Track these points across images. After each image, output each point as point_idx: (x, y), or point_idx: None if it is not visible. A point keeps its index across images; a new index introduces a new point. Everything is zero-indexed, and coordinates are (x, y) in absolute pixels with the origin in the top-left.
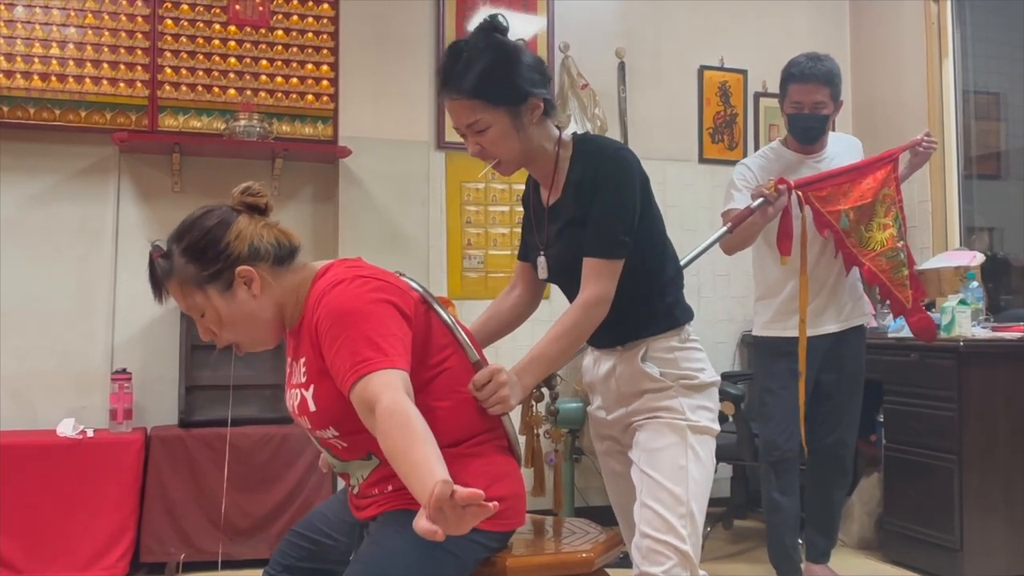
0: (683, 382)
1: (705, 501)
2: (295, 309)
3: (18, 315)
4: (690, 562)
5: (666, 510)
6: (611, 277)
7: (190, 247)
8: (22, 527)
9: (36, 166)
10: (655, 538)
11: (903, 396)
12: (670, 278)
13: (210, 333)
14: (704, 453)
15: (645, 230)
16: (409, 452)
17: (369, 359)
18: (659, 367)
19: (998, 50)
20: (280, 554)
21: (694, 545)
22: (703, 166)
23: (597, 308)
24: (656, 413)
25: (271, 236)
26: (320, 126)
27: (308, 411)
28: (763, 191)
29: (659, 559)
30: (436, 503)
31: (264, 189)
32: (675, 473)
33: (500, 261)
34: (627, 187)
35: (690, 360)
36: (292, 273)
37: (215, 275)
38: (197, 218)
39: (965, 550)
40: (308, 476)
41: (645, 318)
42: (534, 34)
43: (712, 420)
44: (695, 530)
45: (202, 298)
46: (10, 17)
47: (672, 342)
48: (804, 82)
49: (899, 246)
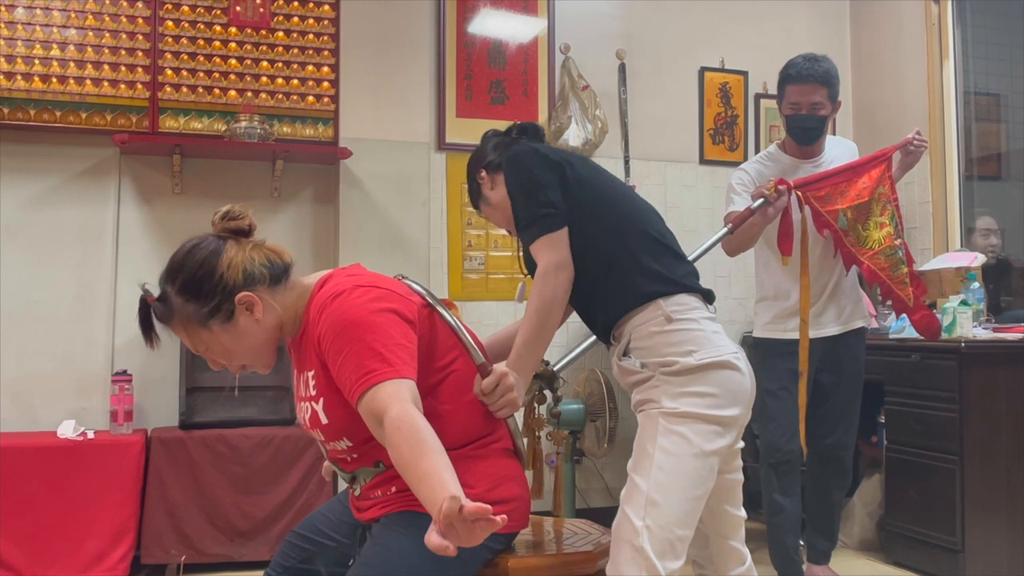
0: (663, 370)
1: (680, 490)
2: (295, 323)
3: (18, 317)
4: (642, 556)
5: (625, 503)
6: (551, 247)
7: (185, 285)
8: (22, 529)
9: (36, 168)
10: (614, 532)
11: (904, 397)
12: (627, 250)
13: (220, 364)
14: (682, 442)
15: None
16: (419, 464)
17: (374, 370)
18: (640, 357)
19: (998, 51)
20: (281, 556)
21: (653, 538)
22: (704, 167)
23: (551, 276)
24: (642, 406)
25: (262, 257)
26: (321, 127)
27: (320, 424)
28: (763, 192)
29: (613, 554)
30: (446, 519)
31: (244, 210)
32: (639, 463)
33: (501, 263)
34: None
35: (672, 344)
36: (289, 289)
37: (215, 309)
38: (186, 254)
39: (966, 551)
40: (309, 478)
41: (608, 295)
42: (535, 35)
43: (708, 406)
44: (658, 521)
45: (208, 335)
46: (11, 19)
47: (652, 326)
48: (801, 83)
49: (897, 244)
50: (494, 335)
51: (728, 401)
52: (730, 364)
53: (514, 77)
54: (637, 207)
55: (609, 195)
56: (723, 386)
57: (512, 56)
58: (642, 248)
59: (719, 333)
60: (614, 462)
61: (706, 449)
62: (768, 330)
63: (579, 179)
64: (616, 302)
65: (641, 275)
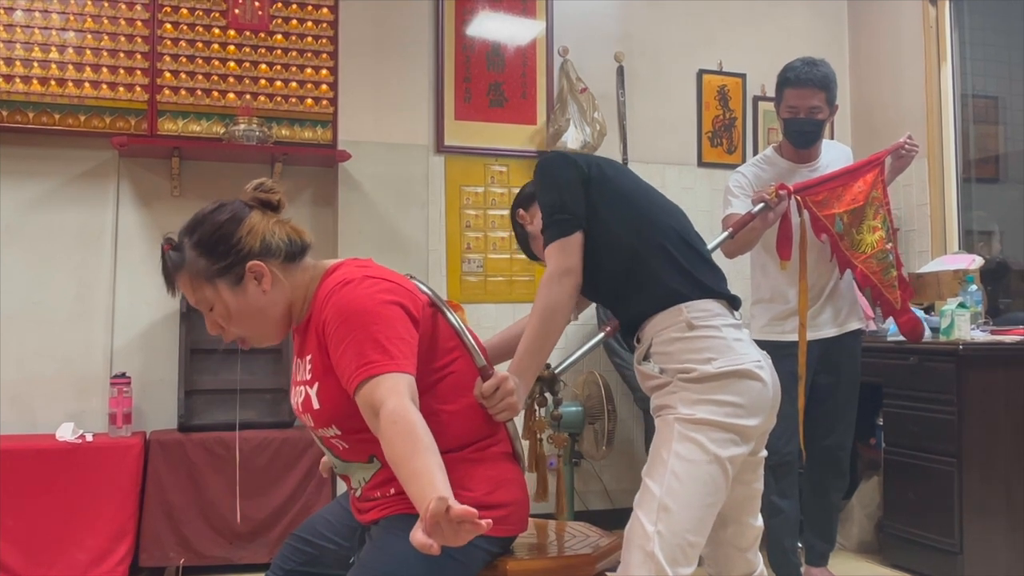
0: (681, 376)
1: (700, 499)
2: (303, 306)
3: (17, 319)
4: (653, 561)
5: (638, 507)
6: (561, 252)
7: (202, 241)
8: (21, 531)
9: (35, 170)
10: (626, 535)
11: (903, 399)
12: (652, 252)
13: (217, 327)
14: (697, 449)
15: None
16: (410, 461)
17: (375, 361)
18: (659, 362)
19: (996, 54)
20: (281, 559)
21: (664, 544)
22: (702, 170)
23: (556, 281)
24: (659, 411)
25: (283, 233)
26: (319, 130)
27: (312, 408)
28: (764, 196)
29: (625, 557)
30: (432, 519)
31: (278, 186)
32: (654, 468)
33: (499, 265)
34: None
35: (692, 351)
36: (302, 271)
37: (226, 269)
38: (209, 212)
39: (965, 553)
40: (308, 480)
41: (632, 294)
42: (533, 38)
43: (725, 415)
44: (670, 527)
45: (212, 292)
46: (9, 21)
47: (673, 332)
48: (800, 87)
49: (888, 248)
50: (495, 336)
51: (747, 411)
52: (750, 373)
53: (513, 79)
54: (664, 208)
55: (635, 195)
56: (742, 395)
57: (511, 58)
58: (667, 249)
59: (742, 341)
60: (613, 465)
61: (721, 456)
62: (765, 332)
63: (603, 177)
64: (639, 303)
65: (665, 276)
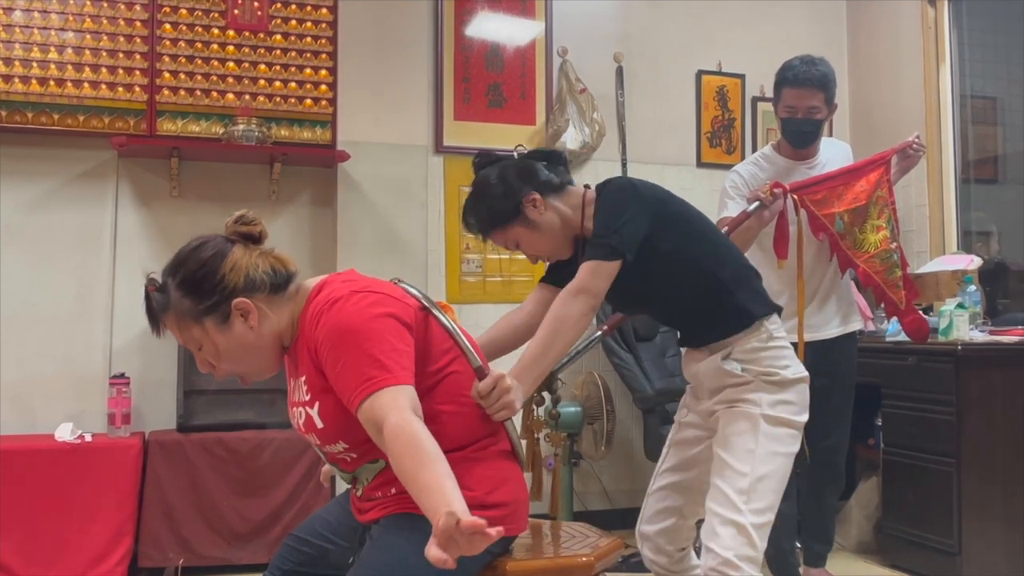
0: (764, 378)
1: (778, 486)
2: (291, 329)
3: (17, 320)
4: (746, 534)
5: (727, 485)
6: (593, 274)
7: (185, 280)
8: (20, 531)
9: (34, 170)
10: (714, 511)
11: (901, 400)
12: (731, 277)
13: (208, 365)
14: (778, 443)
15: (680, 238)
16: (419, 474)
17: (373, 378)
18: (742, 364)
19: (995, 54)
20: (279, 559)
21: (756, 521)
22: (701, 170)
23: (573, 297)
24: (735, 403)
25: (266, 265)
26: (319, 130)
27: (315, 428)
28: (759, 195)
29: (718, 532)
30: (444, 534)
31: (258, 217)
32: (742, 454)
33: (498, 265)
34: (618, 203)
35: (773, 358)
36: (288, 299)
37: (211, 308)
38: (192, 250)
39: (964, 554)
40: (306, 480)
41: (718, 318)
42: (532, 38)
43: (794, 413)
44: (760, 507)
45: (199, 331)
46: (8, 22)
47: (754, 343)
48: (798, 86)
49: (892, 247)
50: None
51: (802, 409)
52: (806, 379)
53: (512, 80)
54: (723, 237)
55: (704, 227)
56: (800, 396)
57: (510, 59)
58: (742, 274)
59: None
60: (612, 465)
61: (793, 451)
62: None
63: (679, 214)
64: (727, 323)
65: (749, 300)
